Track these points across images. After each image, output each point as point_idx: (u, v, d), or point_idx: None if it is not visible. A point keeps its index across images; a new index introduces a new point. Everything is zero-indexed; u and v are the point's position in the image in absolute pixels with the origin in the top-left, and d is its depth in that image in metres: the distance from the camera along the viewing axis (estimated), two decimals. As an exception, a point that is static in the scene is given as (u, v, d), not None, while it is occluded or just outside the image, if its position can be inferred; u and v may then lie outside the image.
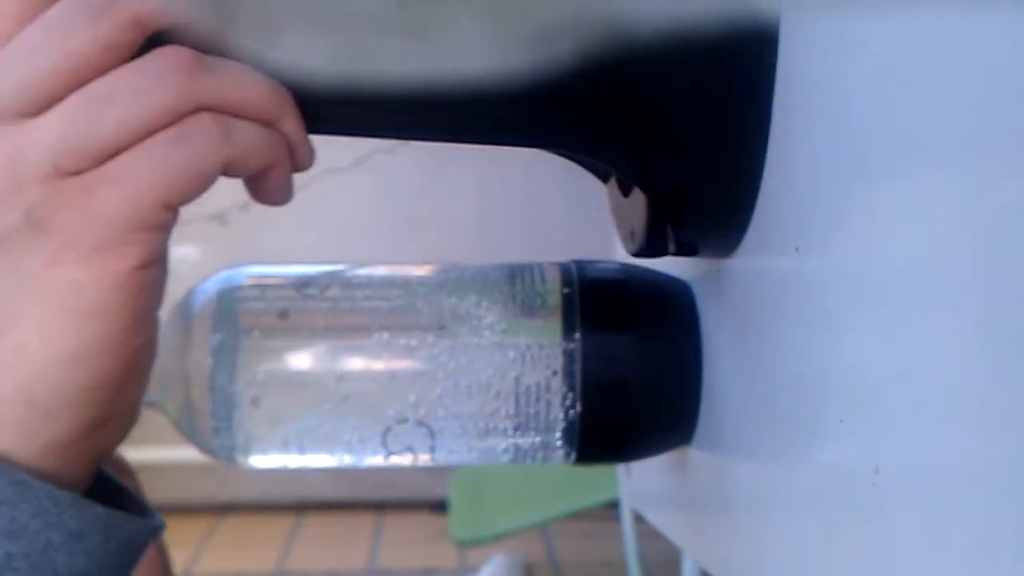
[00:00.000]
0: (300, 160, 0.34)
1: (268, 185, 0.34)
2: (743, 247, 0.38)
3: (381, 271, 0.45)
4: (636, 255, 0.41)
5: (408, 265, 0.45)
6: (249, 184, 0.34)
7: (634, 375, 0.43)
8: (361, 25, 0.10)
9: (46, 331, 0.31)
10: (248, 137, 0.32)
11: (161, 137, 0.30)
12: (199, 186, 0.31)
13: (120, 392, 0.33)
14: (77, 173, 0.30)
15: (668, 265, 0.47)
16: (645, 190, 0.39)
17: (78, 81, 0.30)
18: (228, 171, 0.32)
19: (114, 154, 0.30)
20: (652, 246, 0.40)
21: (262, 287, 0.43)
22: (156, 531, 0.37)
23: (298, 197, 0.35)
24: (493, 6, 0.09)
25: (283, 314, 0.42)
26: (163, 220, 0.31)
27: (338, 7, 0.09)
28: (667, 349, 0.44)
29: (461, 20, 0.09)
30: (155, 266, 0.32)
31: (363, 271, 0.45)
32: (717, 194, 0.37)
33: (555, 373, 0.42)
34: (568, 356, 0.42)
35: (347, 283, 0.44)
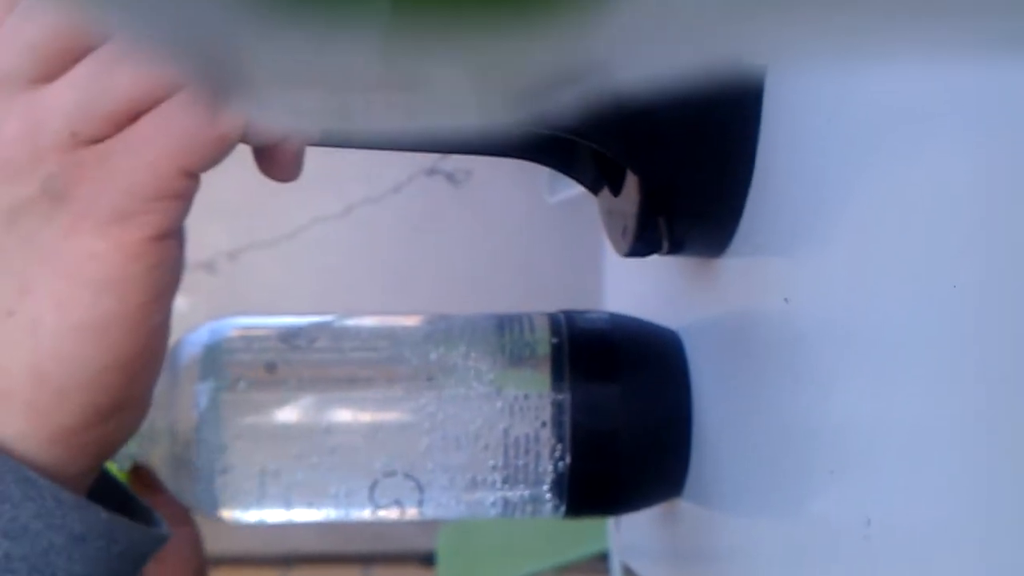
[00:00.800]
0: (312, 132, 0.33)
1: (281, 157, 0.32)
2: (732, 248, 0.38)
3: (369, 322, 0.45)
4: (629, 254, 0.41)
5: (396, 315, 0.45)
6: (260, 156, 0.33)
7: (624, 426, 0.43)
8: (348, 82, 0.10)
9: (61, 304, 0.30)
10: None
11: (178, 100, 0.30)
12: (218, 151, 0.30)
13: (133, 377, 0.32)
14: (95, 141, 0.30)
15: (657, 315, 0.47)
16: (639, 173, 0.38)
17: (88, 44, 0.29)
18: (246, 137, 0.31)
19: (131, 119, 0.30)
20: (644, 239, 0.39)
21: (249, 339, 0.43)
22: (161, 540, 0.35)
23: (288, 245, 0.35)
24: (482, 63, 0.09)
25: (270, 366, 0.42)
26: (182, 188, 0.30)
27: (324, 64, 0.09)
28: (657, 400, 0.44)
29: (449, 77, 0.09)
30: (173, 239, 0.31)
31: (351, 322, 0.44)
32: (709, 187, 0.37)
33: (544, 424, 0.42)
34: (557, 407, 0.42)
35: (335, 334, 0.44)
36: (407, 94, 0.10)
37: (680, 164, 0.37)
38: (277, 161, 0.32)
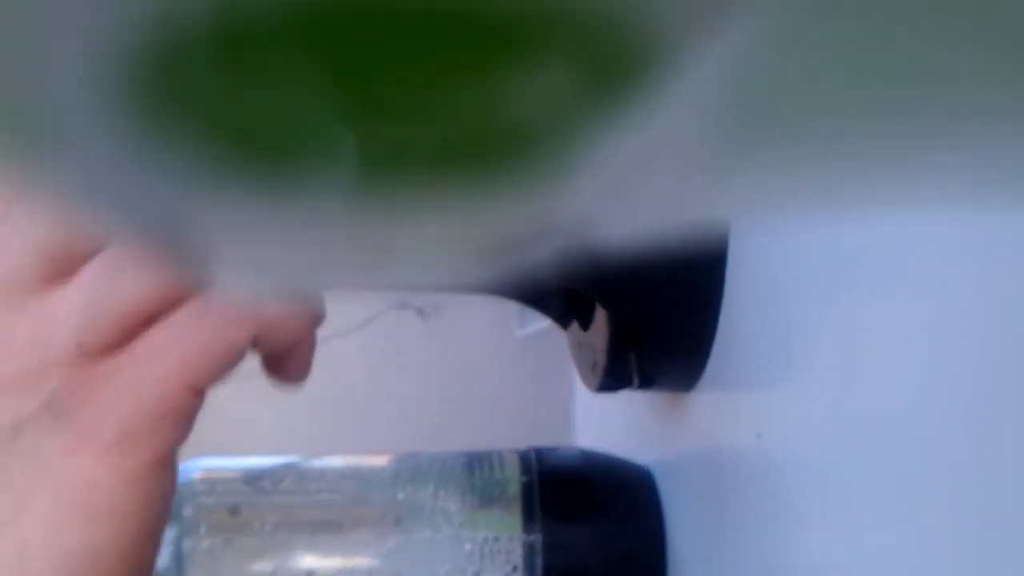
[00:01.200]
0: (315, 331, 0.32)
1: (291, 361, 0.31)
2: (703, 383, 0.38)
3: (335, 462, 0.44)
4: (599, 390, 0.40)
5: (364, 454, 0.44)
6: (269, 363, 0.31)
7: (597, 566, 0.42)
8: (314, 240, 0.09)
9: (52, 529, 0.29)
10: (277, 309, 0.30)
11: (185, 310, 0.29)
12: (227, 363, 0.29)
13: None
14: (102, 350, 0.29)
15: (629, 450, 0.46)
16: (608, 308, 0.38)
17: (96, 241, 0.29)
18: (255, 345, 0.30)
19: (139, 325, 0.29)
20: (614, 374, 0.39)
21: (213, 481, 0.42)
22: None
23: (254, 380, 0.33)
24: (452, 223, 0.09)
25: (234, 510, 0.41)
26: (186, 406, 0.29)
27: (288, 223, 0.09)
28: (630, 539, 0.43)
29: (419, 236, 0.09)
30: (170, 466, 0.30)
31: (317, 463, 0.44)
32: (678, 323, 0.38)
33: (515, 568, 0.41)
34: (528, 549, 0.41)
35: (300, 476, 0.43)
36: (376, 252, 0.10)
37: (649, 300, 0.38)
38: (289, 365, 0.31)
